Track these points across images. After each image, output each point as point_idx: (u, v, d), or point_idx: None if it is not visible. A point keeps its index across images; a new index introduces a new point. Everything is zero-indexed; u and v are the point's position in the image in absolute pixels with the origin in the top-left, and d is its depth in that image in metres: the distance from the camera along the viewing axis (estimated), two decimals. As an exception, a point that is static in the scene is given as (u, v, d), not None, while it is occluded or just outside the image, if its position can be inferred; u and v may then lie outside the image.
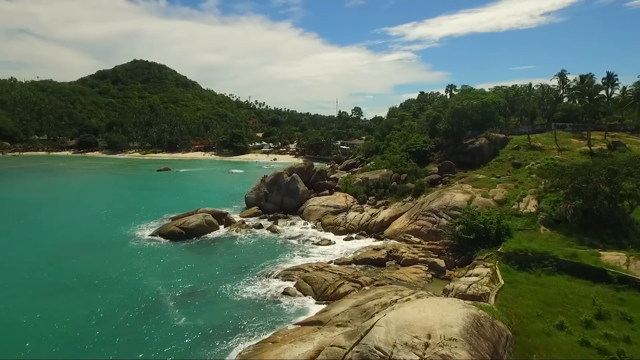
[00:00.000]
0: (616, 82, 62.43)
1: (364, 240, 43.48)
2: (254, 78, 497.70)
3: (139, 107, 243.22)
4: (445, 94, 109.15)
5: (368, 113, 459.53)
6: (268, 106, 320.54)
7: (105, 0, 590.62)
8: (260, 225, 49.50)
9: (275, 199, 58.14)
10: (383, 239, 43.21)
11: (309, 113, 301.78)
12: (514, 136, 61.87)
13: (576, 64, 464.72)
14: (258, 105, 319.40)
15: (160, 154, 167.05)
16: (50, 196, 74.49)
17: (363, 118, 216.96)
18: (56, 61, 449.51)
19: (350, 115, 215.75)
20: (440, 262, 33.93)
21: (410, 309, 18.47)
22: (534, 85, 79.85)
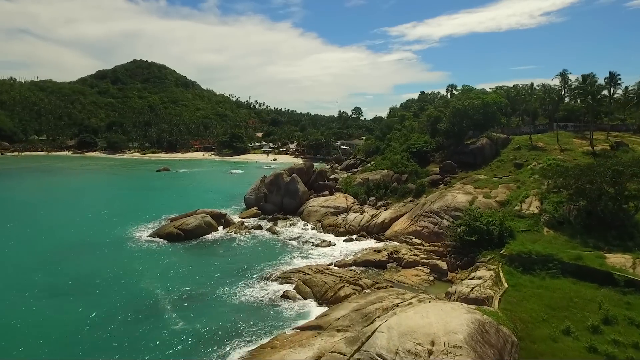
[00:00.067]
0: (619, 82, 61.83)
1: (365, 241, 42.95)
2: (254, 78, 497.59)
3: (138, 107, 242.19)
4: (446, 94, 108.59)
5: (368, 113, 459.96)
6: (268, 106, 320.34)
7: (105, 0, 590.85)
8: (260, 227, 49.00)
9: (275, 200, 57.64)
10: (384, 240, 42.69)
11: (309, 113, 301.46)
12: (515, 136, 61.36)
13: (576, 64, 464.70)
14: (258, 105, 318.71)
15: (159, 154, 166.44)
16: (48, 196, 74.00)
17: (363, 118, 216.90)
18: (56, 61, 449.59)
19: (350, 115, 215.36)
20: (442, 265, 33.39)
21: (412, 315, 17.95)
22: (536, 85, 79.44)
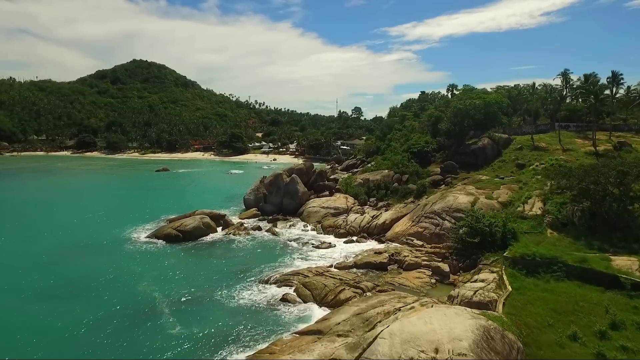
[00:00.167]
0: (621, 82, 61.39)
1: (365, 243, 42.40)
2: (254, 78, 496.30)
3: (138, 107, 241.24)
4: (447, 94, 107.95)
5: (368, 113, 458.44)
6: (268, 106, 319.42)
7: (105, 0, 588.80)
8: (259, 228, 48.48)
9: (275, 201, 57.13)
10: (385, 241, 42.19)
11: (309, 113, 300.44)
12: (517, 136, 60.85)
13: (576, 64, 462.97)
14: (258, 105, 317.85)
15: (159, 154, 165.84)
16: (46, 197, 73.49)
17: (363, 118, 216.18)
18: (56, 61, 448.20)
19: (351, 115, 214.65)
20: (444, 267, 32.89)
21: (415, 320, 17.42)
22: (537, 85, 78.86)
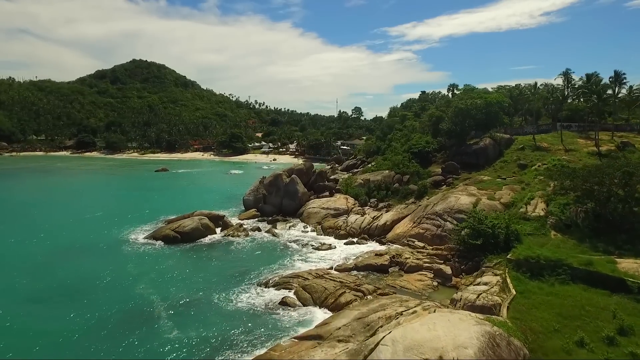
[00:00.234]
0: (624, 81, 60.79)
1: (366, 244, 41.87)
2: (254, 78, 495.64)
3: (137, 107, 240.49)
4: (448, 94, 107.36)
5: (368, 113, 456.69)
6: (268, 106, 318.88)
7: (105, 0, 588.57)
8: (258, 229, 47.97)
9: (274, 201, 56.61)
10: (385, 243, 41.67)
11: (309, 113, 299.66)
12: (518, 136, 60.21)
13: (576, 64, 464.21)
14: (258, 105, 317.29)
15: (158, 154, 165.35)
16: (45, 197, 72.97)
17: (363, 118, 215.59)
18: (56, 61, 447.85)
19: (351, 115, 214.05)
20: (446, 269, 32.35)
21: (418, 326, 16.90)
22: (539, 85, 78.35)
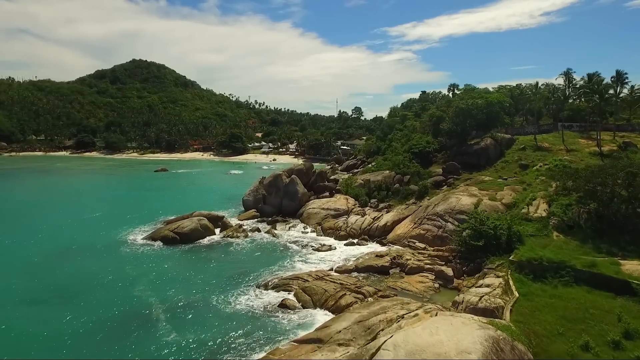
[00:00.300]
0: (626, 81, 60.48)
1: (366, 245, 41.51)
2: (254, 78, 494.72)
3: (137, 107, 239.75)
4: (448, 93, 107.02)
5: (368, 113, 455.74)
6: (268, 106, 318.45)
7: (105, 0, 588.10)
8: (258, 229, 47.62)
9: (274, 202, 56.27)
10: (386, 244, 41.32)
11: (308, 113, 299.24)
12: (519, 136, 59.83)
13: (576, 64, 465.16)
14: (258, 105, 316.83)
15: (158, 155, 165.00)
16: (44, 197, 72.72)
17: (363, 118, 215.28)
18: (56, 61, 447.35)
19: (351, 115, 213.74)
20: (448, 271, 32.02)
21: (420, 331, 16.57)
22: (540, 85, 78.06)
